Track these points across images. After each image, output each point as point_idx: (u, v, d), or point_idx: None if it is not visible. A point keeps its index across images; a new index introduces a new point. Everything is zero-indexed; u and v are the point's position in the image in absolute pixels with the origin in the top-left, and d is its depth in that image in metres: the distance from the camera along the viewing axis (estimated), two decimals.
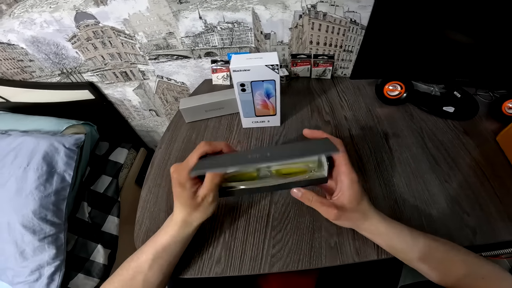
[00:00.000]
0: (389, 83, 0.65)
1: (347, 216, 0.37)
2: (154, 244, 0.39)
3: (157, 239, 0.39)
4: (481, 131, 0.61)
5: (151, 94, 0.93)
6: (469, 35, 0.53)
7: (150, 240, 0.40)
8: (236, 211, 0.49)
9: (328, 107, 0.68)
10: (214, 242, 0.45)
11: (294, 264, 0.42)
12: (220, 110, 0.66)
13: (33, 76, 0.85)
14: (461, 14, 0.50)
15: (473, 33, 0.53)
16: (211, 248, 0.44)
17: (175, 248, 0.39)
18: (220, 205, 0.50)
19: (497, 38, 0.52)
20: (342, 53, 0.74)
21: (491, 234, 0.44)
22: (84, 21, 0.69)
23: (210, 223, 0.47)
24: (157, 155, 0.61)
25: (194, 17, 0.67)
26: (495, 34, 0.52)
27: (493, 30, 0.51)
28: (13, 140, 0.76)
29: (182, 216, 0.38)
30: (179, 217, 0.39)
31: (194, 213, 0.38)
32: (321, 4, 0.63)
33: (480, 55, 0.56)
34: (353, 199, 0.36)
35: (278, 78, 0.51)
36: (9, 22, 0.69)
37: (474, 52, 0.56)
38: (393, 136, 0.60)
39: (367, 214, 0.38)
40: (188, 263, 0.43)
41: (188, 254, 0.43)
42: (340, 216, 0.36)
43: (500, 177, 0.52)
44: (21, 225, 0.68)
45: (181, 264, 0.42)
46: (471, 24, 0.52)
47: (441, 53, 0.57)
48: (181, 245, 0.40)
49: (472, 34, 0.53)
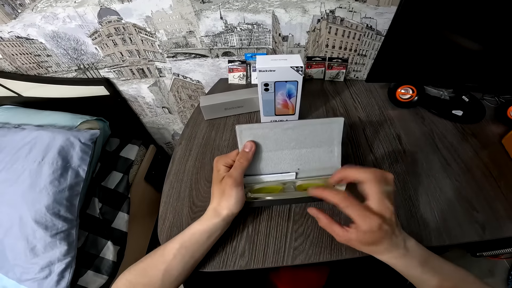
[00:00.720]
0: (402, 87, 0.68)
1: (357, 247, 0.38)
2: (183, 233, 0.40)
3: (187, 229, 0.40)
4: (487, 134, 0.64)
5: (165, 91, 0.94)
6: (479, 42, 0.57)
7: (182, 232, 0.41)
8: (258, 207, 0.50)
9: (343, 108, 0.71)
10: (237, 236, 0.46)
11: (316, 256, 0.43)
12: (239, 108, 0.68)
13: (48, 71, 0.85)
14: (473, 22, 0.53)
15: (482, 40, 0.56)
16: (234, 242, 0.45)
17: (201, 238, 0.39)
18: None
19: (505, 46, 0.56)
20: (356, 57, 0.76)
21: (499, 230, 0.47)
22: (107, 17, 0.69)
23: (234, 218, 0.48)
24: (178, 151, 0.62)
25: (215, 17, 0.69)
26: (503, 42, 0.55)
27: (501, 38, 0.55)
28: (28, 134, 0.76)
29: (213, 206, 0.40)
30: (210, 207, 0.41)
31: (222, 202, 0.40)
32: (340, 10, 0.66)
33: (489, 62, 0.60)
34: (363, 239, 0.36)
35: (301, 79, 0.53)
36: (30, 16, 0.69)
37: (483, 59, 0.59)
38: (405, 137, 0.63)
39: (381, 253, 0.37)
40: (213, 256, 0.43)
41: (212, 248, 0.44)
42: (349, 242, 0.37)
43: (506, 177, 0.54)
44: (34, 220, 0.67)
45: (205, 258, 0.43)
46: (481, 32, 0.55)
47: (452, 59, 0.60)
48: (207, 236, 0.40)
49: (482, 42, 0.56)
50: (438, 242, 0.45)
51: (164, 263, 0.38)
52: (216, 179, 0.42)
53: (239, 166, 0.41)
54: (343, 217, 0.48)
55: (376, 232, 0.34)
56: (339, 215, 0.48)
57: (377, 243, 0.35)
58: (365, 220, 0.34)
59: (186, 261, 0.39)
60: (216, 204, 0.40)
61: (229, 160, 0.42)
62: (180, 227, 0.48)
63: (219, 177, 0.41)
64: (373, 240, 0.35)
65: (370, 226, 0.34)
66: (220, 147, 0.61)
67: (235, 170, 0.41)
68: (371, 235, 0.35)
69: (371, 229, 0.34)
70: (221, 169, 0.42)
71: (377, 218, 0.34)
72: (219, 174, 0.41)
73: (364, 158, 0.58)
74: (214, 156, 0.59)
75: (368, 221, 0.34)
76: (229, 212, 0.40)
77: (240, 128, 0.42)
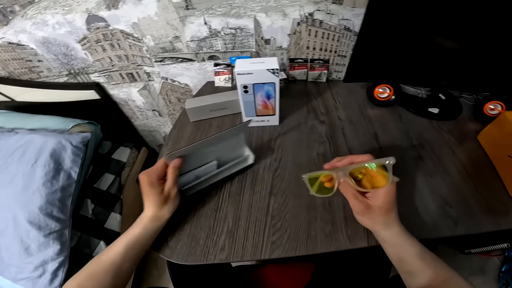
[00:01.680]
0: (379, 86, 0.71)
1: (371, 216, 0.40)
2: (125, 238, 0.43)
3: (129, 232, 0.43)
4: (464, 130, 0.66)
5: (155, 95, 0.96)
6: (452, 41, 0.59)
7: (121, 236, 0.43)
8: (238, 202, 0.52)
9: (324, 108, 0.73)
10: (218, 231, 0.48)
11: (293, 250, 0.45)
12: (224, 110, 0.70)
13: (40, 76, 0.88)
14: (445, 21, 0.55)
15: (455, 39, 0.58)
16: (215, 236, 0.47)
17: (145, 240, 0.44)
18: (224, 196, 0.54)
19: (477, 45, 0.58)
20: (336, 58, 0.79)
21: (473, 225, 0.48)
22: (95, 23, 0.72)
23: (215, 213, 0.51)
24: (164, 152, 0.64)
25: (200, 23, 0.72)
26: (476, 41, 0.57)
27: (474, 38, 0.57)
28: (21, 137, 0.78)
29: (153, 212, 0.44)
30: (149, 213, 0.44)
31: (164, 207, 0.44)
32: (318, 12, 0.68)
33: (462, 60, 0.62)
34: (384, 206, 0.39)
35: (278, 81, 0.56)
36: (21, 23, 0.72)
37: (457, 57, 0.61)
38: (382, 135, 0.65)
39: (389, 225, 0.40)
40: (194, 250, 0.46)
41: (194, 242, 0.47)
42: (365, 213, 0.40)
43: (481, 173, 0.56)
44: (27, 221, 0.70)
45: (186, 252, 0.46)
46: (454, 31, 0.57)
47: (426, 58, 0.63)
48: (150, 237, 0.44)
49: (454, 41, 0.59)
50: None
51: (113, 264, 0.41)
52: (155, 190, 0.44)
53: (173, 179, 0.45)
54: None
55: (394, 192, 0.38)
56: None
57: (393, 207, 0.39)
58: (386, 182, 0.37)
59: (133, 260, 0.43)
60: (156, 211, 0.44)
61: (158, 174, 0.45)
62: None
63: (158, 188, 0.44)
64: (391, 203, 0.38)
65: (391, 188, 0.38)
66: None
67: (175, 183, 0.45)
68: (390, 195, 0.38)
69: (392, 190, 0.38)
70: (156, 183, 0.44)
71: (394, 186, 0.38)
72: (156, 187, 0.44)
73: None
74: None
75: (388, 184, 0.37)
76: (170, 215, 0.46)
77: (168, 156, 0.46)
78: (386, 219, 0.40)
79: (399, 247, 0.40)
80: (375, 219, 0.40)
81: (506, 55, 0.58)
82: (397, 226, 0.40)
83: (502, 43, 0.56)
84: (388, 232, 0.40)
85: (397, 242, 0.40)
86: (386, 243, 0.41)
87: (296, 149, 0.62)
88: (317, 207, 0.51)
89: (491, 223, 0.48)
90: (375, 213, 0.39)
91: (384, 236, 0.41)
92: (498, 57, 0.59)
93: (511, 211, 0.50)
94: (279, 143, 0.63)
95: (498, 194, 0.52)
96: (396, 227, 0.40)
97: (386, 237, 0.40)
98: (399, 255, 0.40)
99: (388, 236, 0.40)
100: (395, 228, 0.40)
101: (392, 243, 0.40)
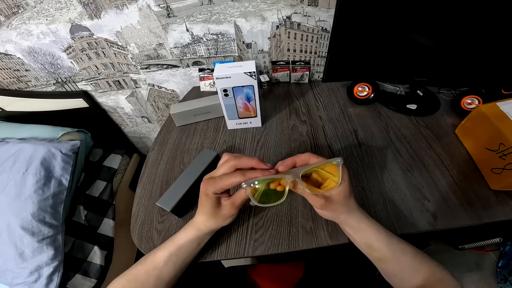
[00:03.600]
0: (358, 85, 0.73)
1: (332, 208, 0.39)
2: (172, 242, 0.41)
3: (176, 238, 0.42)
4: (441, 125, 0.68)
5: (143, 101, 0.98)
6: (426, 38, 0.60)
7: (169, 239, 0.42)
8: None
9: (305, 108, 0.75)
10: None
11: (275, 248, 0.47)
12: (208, 114, 0.72)
13: (28, 86, 0.89)
14: (419, 18, 0.56)
15: (429, 36, 0.60)
16: None
17: (190, 247, 0.42)
18: None
19: (453, 40, 0.59)
20: (317, 59, 0.81)
21: (452, 219, 0.48)
22: (79, 33, 0.74)
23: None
24: (151, 156, 0.66)
25: (182, 30, 0.74)
26: (452, 37, 0.58)
27: (449, 34, 0.58)
28: (11, 147, 0.80)
29: (202, 221, 0.41)
30: (199, 221, 0.42)
31: (211, 220, 0.41)
32: (295, 15, 0.70)
33: (434, 57, 0.63)
34: (341, 194, 0.38)
35: (255, 84, 0.58)
36: (6, 33, 0.73)
37: (429, 54, 0.63)
38: (362, 132, 0.67)
39: (351, 210, 0.40)
40: None
41: None
42: (326, 206, 0.39)
43: (459, 166, 0.57)
44: (21, 227, 0.71)
45: None
46: (429, 28, 0.58)
47: (402, 55, 0.64)
48: (196, 245, 0.43)
49: (429, 37, 0.60)
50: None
51: (156, 269, 0.40)
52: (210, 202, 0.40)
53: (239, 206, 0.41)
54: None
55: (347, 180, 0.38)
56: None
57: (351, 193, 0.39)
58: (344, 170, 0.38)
59: (177, 267, 0.41)
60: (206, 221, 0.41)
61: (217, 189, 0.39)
62: (151, 224, 0.52)
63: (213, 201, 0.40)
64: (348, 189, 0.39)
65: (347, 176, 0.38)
66: (189, 150, 0.66)
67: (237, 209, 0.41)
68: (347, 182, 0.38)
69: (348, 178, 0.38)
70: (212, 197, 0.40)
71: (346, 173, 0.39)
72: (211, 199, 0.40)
73: (322, 154, 0.62)
74: (183, 159, 0.64)
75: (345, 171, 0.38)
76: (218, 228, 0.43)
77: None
78: (347, 206, 0.40)
79: (364, 232, 0.40)
80: (337, 209, 0.40)
81: (482, 50, 0.59)
82: (358, 211, 0.41)
83: (478, 39, 0.57)
84: (352, 218, 0.40)
85: (362, 228, 0.40)
86: (352, 231, 0.41)
87: (278, 148, 0.64)
88: (298, 205, 0.52)
89: (471, 217, 0.48)
90: (335, 203, 0.39)
91: (350, 223, 0.41)
92: (474, 52, 0.60)
93: (492, 204, 0.50)
94: (262, 143, 0.65)
95: (478, 187, 0.53)
96: (358, 212, 0.41)
97: (351, 224, 0.41)
98: (367, 241, 0.40)
99: (354, 223, 0.41)
100: (357, 213, 0.41)
101: (358, 229, 0.41)
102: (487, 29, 0.55)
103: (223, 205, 0.40)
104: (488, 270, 1.07)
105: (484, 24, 0.55)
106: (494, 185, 0.52)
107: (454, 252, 1.05)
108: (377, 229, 0.40)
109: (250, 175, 0.37)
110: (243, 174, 0.37)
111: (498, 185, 0.51)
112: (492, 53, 0.60)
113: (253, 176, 0.37)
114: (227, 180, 0.37)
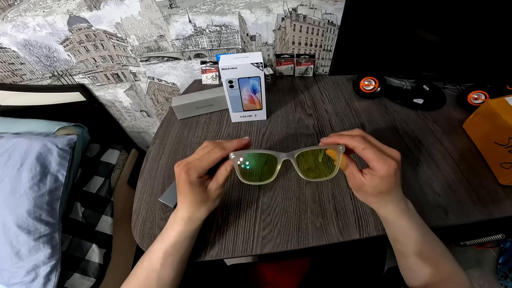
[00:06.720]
0: (364, 79, 0.71)
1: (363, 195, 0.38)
2: (162, 242, 0.38)
3: (164, 237, 0.39)
4: (449, 120, 0.67)
5: (142, 95, 0.96)
6: (434, 33, 0.60)
7: (158, 239, 0.39)
8: (227, 197, 0.52)
9: (311, 101, 0.74)
10: (208, 228, 0.47)
11: (284, 245, 0.45)
12: (210, 106, 0.70)
13: (23, 79, 0.86)
14: (427, 13, 0.56)
15: (437, 31, 0.59)
16: (205, 233, 0.47)
17: (184, 244, 0.39)
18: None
19: (460, 36, 0.59)
20: (322, 52, 0.80)
21: (462, 214, 0.47)
22: (77, 24, 0.71)
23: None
24: (152, 150, 0.64)
25: (184, 21, 0.72)
26: (458, 32, 0.58)
27: (456, 29, 0.58)
28: (6, 142, 0.77)
29: (189, 213, 0.38)
30: (186, 214, 0.38)
31: (202, 208, 0.38)
32: (301, 7, 0.69)
33: (442, 52, 0.63)
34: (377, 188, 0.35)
35: (262, 75, 0.56)
36: (1, 25, 0.70)
37: (437, 49, 0.63)
38: (369, 126, 0.66)
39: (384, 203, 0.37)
40: None
41: None
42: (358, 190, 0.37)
43: (467, 161, 0.56)
44: (16, 225, 0.69)
45: None
46: (436, 23, 0.58)
47: (409, 50, 0.64)
48: (189, 241, 0.40)
49: (436, 32, 0.59)
50: None
51: (154, 272, 0.37)
52: (195, 189, 0.37)
53: (225, 179, 0.39)
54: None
55: (392, 177, 0.33)
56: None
57: (389, 191, 0.35)
58: (385, 163, 0.33)
59: (175, 266, 0.39)
60: (193, 212, 0.38)
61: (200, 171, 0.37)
62: (153, 221, 0.50)
63: (198, 188, 0.37)
64: (387, 187, 0.34)
65: (388, 170, 0.33)
66: (192, 144, 0.64)
67: (223, 183, 0.39)
68: (387, 180, 0.33)
69: (389, 173, 0.33)
70: (196, 183, 0.37)
71: (395, 162, 0.33)
72: (196, 186, 0.37)
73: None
74: (186, 153, 0.62)
75: (387, 164, 0.33)
76: (206, 215, 0.40)
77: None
78: (379, 200, 0.37)
79: (394, 227, 0.38)
80: (367, 198, 0.38)
81: (488, 46, 0.59)
82: (391, 205, 0.37)
83: (484, 34, 0.57)
84: (382, 211, 0.38)
85: (393, 222, 0.38)
86: (383, 220, 0.40)
87: (284, 142, 0.62)
88: (307, 200, 0.51)
89: (482, 212, 0.47)
90: (367, 192, 0.36)
91: (379, 213, 0.39)
92: (482, 47, 0.60)
93: (502, 199, 0.49)
94: (268, 136, 0.64)
95: (487, 182, 0.52)
96: (391, 206, 0.37)
97: (380, 213, 0.39)
98: (394, 234, 0.39)
99: (383, 215, 0.38)
100: (389, 207, 0.37)
101: (387, 221, 0.39)
102: (494, 25, 0.55)
103: (209, 188, 0.38)
104: (488, 266, 1.08)
105: (491, 20, 0.54)
106: (503, 180, 0.52)
107: (454, 249, 1.05)
108: (408, 226, 0.37)
109: (229, 147, 0.36)
110: (223, 148, 0.36)
111: (507, 179, 0.51)
112: (498, 49, 0.59)
113: (231, 146, 0.37)
114: (209, 158, 0.36)
